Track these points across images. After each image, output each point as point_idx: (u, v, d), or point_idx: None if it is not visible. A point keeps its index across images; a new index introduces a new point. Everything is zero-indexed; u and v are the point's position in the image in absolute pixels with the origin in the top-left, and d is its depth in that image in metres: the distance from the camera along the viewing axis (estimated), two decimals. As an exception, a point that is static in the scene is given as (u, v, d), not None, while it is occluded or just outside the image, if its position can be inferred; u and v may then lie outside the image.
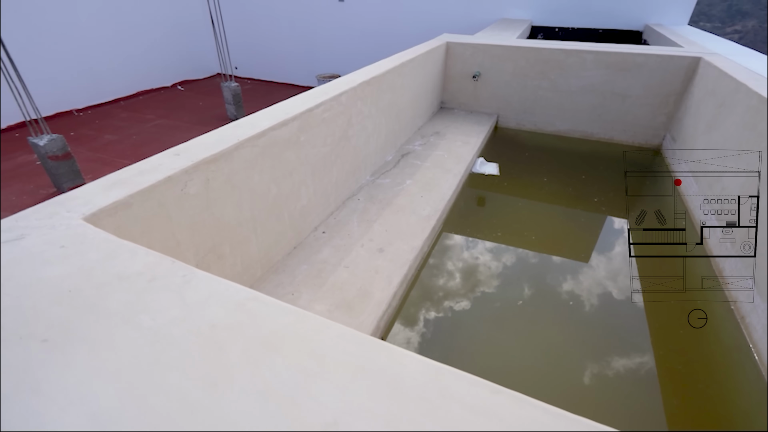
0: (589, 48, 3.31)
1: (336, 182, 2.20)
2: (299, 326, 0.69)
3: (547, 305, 1.92)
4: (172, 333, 0.67)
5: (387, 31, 6.01)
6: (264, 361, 0.63)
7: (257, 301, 0.75)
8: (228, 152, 1.40)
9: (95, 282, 0.78)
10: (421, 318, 1.80)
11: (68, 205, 1.03)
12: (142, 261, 0.84)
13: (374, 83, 2.38)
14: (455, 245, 2.30)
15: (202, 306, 0.73)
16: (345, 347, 0.66)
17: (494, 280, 2.04)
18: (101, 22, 5.45)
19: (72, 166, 3.60)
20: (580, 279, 2.07)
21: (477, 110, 3.89)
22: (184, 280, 0.79)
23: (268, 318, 0.71)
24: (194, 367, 0.61)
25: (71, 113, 5.33)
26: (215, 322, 0.70)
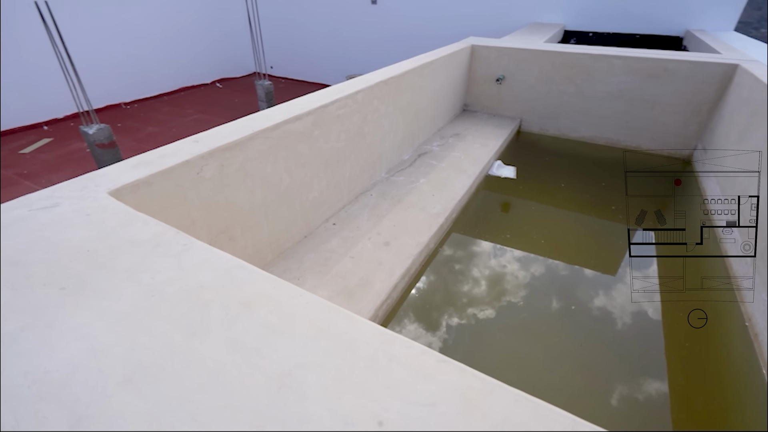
0: (617, 53, 3.23)
1: (349, 177, 2.29)
2: (275, 292, 0.78)
3: (546, 308, 1.92)
4: (165, 290, 0.77)
5: (418, 33, 6.08)
6: (239, 317, 0.71)
7: (243, 269, 0.84)
8: (242, 142, 1.52)
9: (110, 244, 0.90)
10: (420, 310, 1.86)
11: (97, 180, 1.17)
12: (152, 230, 0.95)
13: (392, 83, 2.45)
14: (463, 244, 2.33)
15: (195, 270, 0.83)
16: (312, 312, 0.73)
17: (498, 280, 2.06)
18: (150, 23, 5.84)
19: (116, 154, 3.90)
20: (583, 286, 2.05)
21: (500, 114, 3.88)
22: (183, 248, 0.89)
23: (249, 283, 0.80)
24: (179, 318, 0.71)
25: (120, 106, 5.74)
26: (203, 284, 0.79)
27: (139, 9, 5.64)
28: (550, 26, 4.98)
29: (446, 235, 2.33)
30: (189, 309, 0.73)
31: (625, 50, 3.31)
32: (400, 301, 1.87)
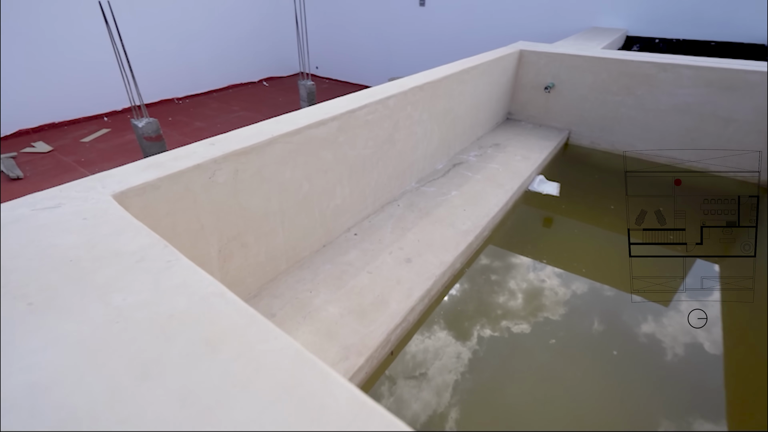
0: (687, 62, 2.89)
1: (376, 185, 2.19)
2: (248, 331, 0.68)
3: (581, 343, 1.70)
4: (133, 316, 0.70)
5: (465, 37, 5.88)
6: (201, 360, 0.62)
7: (221, 297, 0.75)
8: (260, 146, 1.45)
9: (94, 255, 0.84)
10: (439, 339, 1.71)
11: (105, 181, 1.14)
12: (141, 242, 0.89)
13: (428, 89, 2.32)
14: (492, 265, 2.14)
15: (170, 293, 0.75)
16: (282, 363, 0.63)
17: (527, 309, 1.87)
18: (203, 23, 6.08)
19: (162, 147, 4.05)
20: (620, 316, 1.81)
21: (546, 124, 3.62)
22: (166, 265, 0.82)
23: (222, 316, 0.70)
24: (136, 354, 0.63)
25: (173, 101, 6.03)
26: (174, 312, 0.71)
27: (194, 10, 5.89)
28: (610, 31, 4.60)
29: (476, 254, 2.16)
30: (150, 343, 0.65)
31: (696, 59, 2.95)
32: (416, 324, 1.74)
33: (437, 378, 1.54)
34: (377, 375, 1.53)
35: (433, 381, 1.53)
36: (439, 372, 1.57)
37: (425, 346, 1.67)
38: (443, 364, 1.60)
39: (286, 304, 1.63)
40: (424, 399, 1.48)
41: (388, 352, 1.58)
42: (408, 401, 1.47)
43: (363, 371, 1.43)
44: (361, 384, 1.45)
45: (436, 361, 1.61)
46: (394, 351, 1.61)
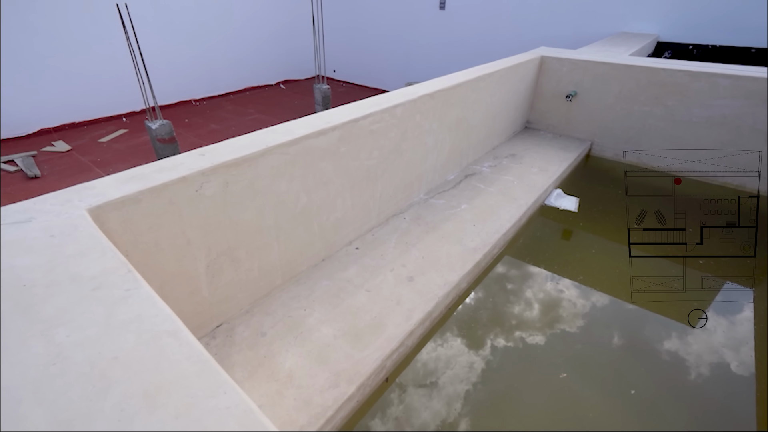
0: (724, 71, 2.68)
1: (381, 197, 2.09)
2: (196, 382, 0.59)
3: (593, 374, 1.56)
4: (72, 357, 0.62)
5: (488, 42, 5.73)
6: (134, 418, 0.54)
7: (174, 338, 0.67)
8: (253, 157, 1.38)
9: (50, 279, 0.78)
10: (439, 368, 1.59)
11: (83, 194, 1.09)
12: (103, 265, 0.82)
13: (439, 97, 2.21)
14: (502, 287, 2.01)
15: (120, 330, 0.67)
16: (228, 425, 0.53)
17: (539, 337, 1.73)
18: (224, 26, 6.13)
19: (175, 149, 4.07)
20: (639, 345, 1.65)
21: (567, 134, 3.45)
22: (124, 295, 0.75)
23: (170, 362, 0.62)
24: (63, 408, 0.55)
25: (190, 102, 6.09)
26: (119, 353, 0.63)
27: (216, 14, 5.95)
28: (640, 37, 4.38)
29: (483, 274, 2.04)
30: (82, 394, 0.57)
31: (735, 67, 2.74)
32: (416, 349, 1.63)
33: (448, 387, 1.44)
34: (371, 402, 1.43)
35: (444, 390, 1.43)
36: (450, 381, 1.45)
37: (437, 354, 1.56)
38: (455, 373, 1.49)
39: (278, 322, 1.55)
40: (433, 408, 1.37)
41: (383, 378, 1.48)
42: (418, 409, 1.37)
43: (354, 400, 1.34)
44: (351, 414, 1.36)
45: (447, 371, 1.50)
46: (389, 378, 1.51)
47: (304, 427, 1.19)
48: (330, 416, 1.24)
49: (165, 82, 5.60)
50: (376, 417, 1.41)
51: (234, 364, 1.37)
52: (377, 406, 1.45)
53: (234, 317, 1.56)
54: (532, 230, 2.45)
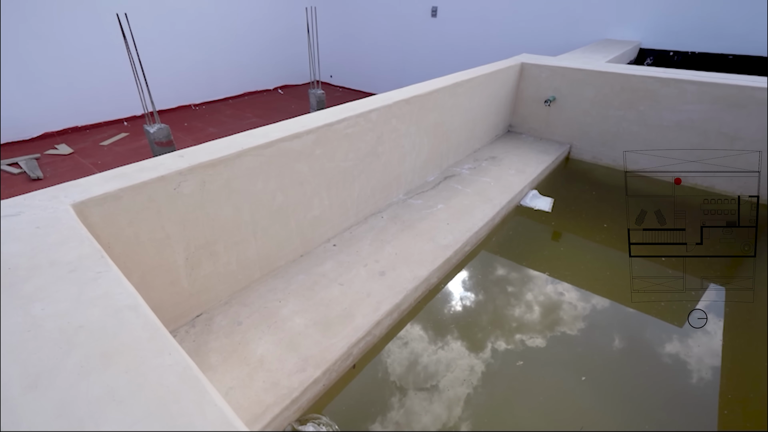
0: (691, 77, 2.79)
1: (358, 197, 2.20)
2: (146, 345, 0.70)
3: (550, 362, 1.66)
4: (44, 326, 0.73)
5: (479, 47, 5.86)
6: (90, 374, 0.65)
7: (134, 311, 0.78)
8: (228, 159, 1.49)
9: (32, 264, 0.89)
10: (404, 355, 1.70)
11: (69, 191, 1.20)
12: (80, 251, 0.94)
13: (415, 102, 2.33)
14: (470, 282, 2.12)
15: (87, 305, 0.78)
16: (167, 380, 0.64)
17: (502, 329, 1.83)
18: (225, 33, 6.29)
19: (172, 151, 4.20)
20: (597, 342, 1.75)
21: (548, 138, 3.56)
22: (95, 276, 0.86)
23: (127, 330, 0.73)
24: (34, 363, 0.66)
25: (190, 107, 6.24)
26: (85, 323, 0.74)
27: (215, 20, 6.10)
28: (622, 44, 4.50)
29: (454, 269, 2.14)
30: (51, 353, 0.68)
31: (701, 74, 2.85)
32: (385, 338, 1.73)
33: (428, 365, 1.54)
34: (338, 388, 1.54)
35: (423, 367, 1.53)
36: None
37: (409, 345, 1.67)
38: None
39: (254, 312, 1.66)
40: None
41: (350, 365, 1.58)
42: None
43: (320, 383, 1.44)
44: (318, 396, 1.46)
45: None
46: (356, 365, 1.61)
47: (270, 407, 1.30)
48: (295, 397, 1.34)
49: (166, 87, 5.75)
50: (342, 403, 1.51)
51: (210, 350, 1.48)
52: (345, 392, 1.55)
53: (213, 308, 1.67)
54: (506, 229, 2.55)
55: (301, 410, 1.39)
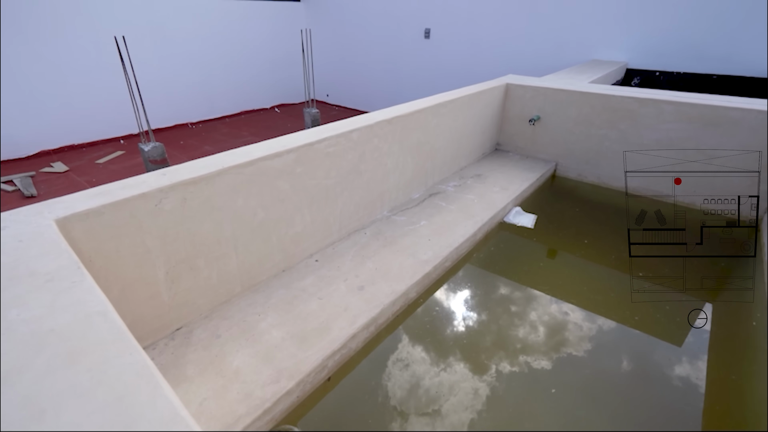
0: (668, 97, 2.90)
1: (341, 214, 2.27)
2: (111, 345, 0.76)
3: (520, 376, 1.68)
4: (18, 329, 0.79)
5: (470, 68, 6.04)
6: (56, 371, 0.70)
7: (103, 316, 0.83)
8: (209, 176, 1.57)
9: (12, 274, 0.95)
10: (380, 367, 1.73)
11: (53, 207, 1.27)
12: (58, 263, 1.00)
13: (397, 122, 2.42)
14: (450, 297, 2.16)
15: (60, 311, 0.84)
16: (126, 376, 0.70)
17: (479, 342, 1.87)
18: (221, 54, 6.49)
19: (166, 169, 4.30)
20: (569, 357, 1.78)
21: (534, 156, 3.65)
22: (70, 286, 0.92)
23: (95, 332, 0.79)
24: (4, 363, 0.71)
25: (186, 125, 6.39)
26: (55, 327, 0.80)
27: (211, 39, 6.31)
28: (608, 64, 4.65)
29: (435, 284, 2.19)
30: (22, 354, 0.73)
31: (678, 94, 2.96)
32: (362, 352, 1.77)
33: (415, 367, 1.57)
34: (314, 400, 1.57)
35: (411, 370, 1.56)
36: (375, 401, 1.59)
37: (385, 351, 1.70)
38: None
39: (233, 326, 1.70)
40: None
41: (324, 377, 1.61)
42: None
43: (293, 395, 1.47)
44: (292, 407, 1.49)
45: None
46: (332, 377, 1.64)
47: (242, 417, 1.33)
48: (268, 408, 1.38)
49: (162, 106, 5.91)
50: (316, 415, 1.54)
51: (188, 363, 1.52)
52: (320, 404, 1.57)
53: (194, 321, 1.71)
54: (489, 244, 2.61)
55: (274, 421, 1.43)
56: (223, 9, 6.32)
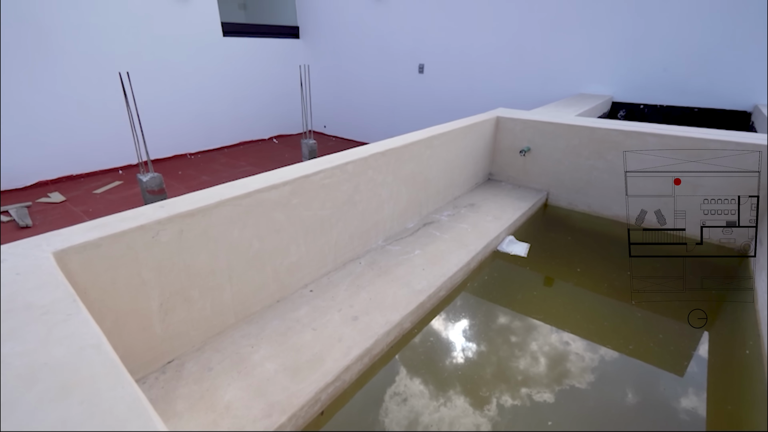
0: (652, 130, 3.01)
1: (336, 244, 2.29)
2: (104, 379, 0.76)
3: (523, 410, 1.66)
4: (13, 362, 0.80)
5: (464, 100, 6.26)
6: (48, 405, 0.71)
7: (96, 349, 0.84)
8: (207, 208, 1.61)
9: (8, 307, 0.96)
10: (376, 401, 1.71)
11: (51, 240, 1.29)
12: (54, 295, 1.01)
13: (391, 154, 2.49)
14: (444, 326, 2.16)
15: (54, 344, 0.85)
16: (118, 408, 0.70)
17: (477, 375, 1.85)
18: (222, 86, 6.70)
19: (163, 199, 4.34)
20: (569, 393, 1.76)
21: (525, 185, 3.73)
22: (65, 318, 0.93)
23: (88, 365, 0.79)
24: None
25: (185, 156, 6.49)
26: (49, 360, 0.80)
27: (212, 73, 6.53)
28: (594, 98, 4.84)
29: (430, 314, 2.19)
30: (14, 387, 0.74)
31: (661, 127, 3.08)
32: (355, 385, 1.75)
33: None
34: (306, 435, 1.54)
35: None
36: None
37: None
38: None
39: (225, 358, 1.69)
40: None
41: (317, 411, 1.59)
42: None
43: (285, 430, 1.45)
44: (283, 444, 1.46)
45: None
46: (325, 411, 1.62)
47: (233, 453, 1.30)
48: (259, 443, 1.35)
49: (162, 137, 6.04)
50: (309, 448, 1.50)
51: (178, 397, 1.50)
52: (313, 439, 1.54)
53: (186, 353, 1.70)
54: (483, 273, 2.63)
55: (265, 458, 1.39)
56: (226, 45, 6.58)
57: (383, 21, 6.72)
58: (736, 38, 4.21)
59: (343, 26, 7.24)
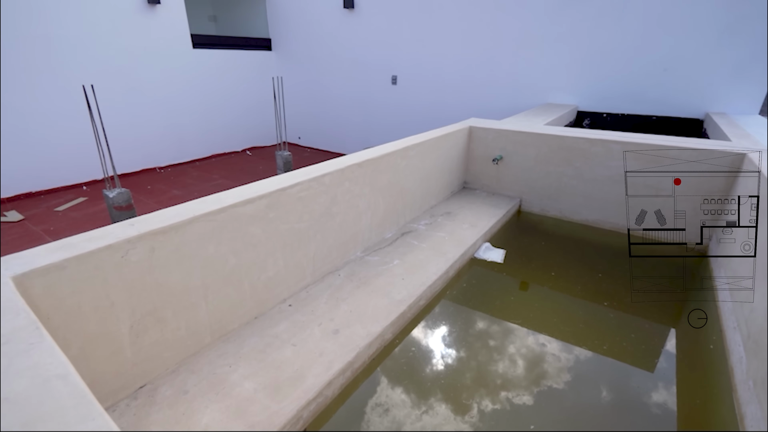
0: (615, 138, 3.16)
1: (314, 257, 2.27)
2: (72, 411, 0.72)
3: (503, 414, 1.68)
4: (-33, 400, 0.74)
5: (436, 110, 6.36)
6: (9, 445, 0.66)
7: (63, 380, 0.79)
8: (179, 225, 1.56)
9: (-38, 339, 0.90)
10: (359, 414, 1.68)
11: (10, 263, 1.22)
12: (14, 324, 0.95)
13: (368, 165, 2.50)
14: (425, 335, 2.16)
15: (15, 376, 0.80)
16: (88, 446, 0.66)
17: (458, 381, 1.86)
18: (192, 97, 6.55)
19: (131, 216, 4.17)
20: (548, 397, 1.80)
21: (499, 193, 3.82)
22: (27, 348, 0.87)
23: (53, 398, 0.75)
24: (-51, 439, 0.66)
25: (154, 170, 6.28)
26: (10, 394, 0.75)
27: (182, 85, 6.37)
28: (561, 107, 5.04)
29: (411, 324, 2.19)
30: (-31, 429, 0.69)
31: (623, 135, 3.24)
32: (338, 399, 1.72)
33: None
34: (288, 456, 1.49)
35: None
36: None
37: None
38: None
39: (202, 380, 1.62)
40: None
41: (300, 429, 1.55)
42: None
43: (267, 452, 1.40)
44: (265, 466, 1.41)
45: None
46: (308, 429, 1.58)
47: (212, 480, 1.25)
48: (240, 468, 1.30)
49: (130, 151, 5.83)
50: (292, 469, 1.46)
51: (151, 423, 1.43)
52: (296, 458, 1.50)
53: (159, 377, 1.62)
54: (461, 281, 2.66)
55: (246, 482, 1.34)
56: (196, 57, 6.46)
57: (356, 33, 6.78)
58: (689, 52, 4.50)
59: (316, 38, 7.26)
